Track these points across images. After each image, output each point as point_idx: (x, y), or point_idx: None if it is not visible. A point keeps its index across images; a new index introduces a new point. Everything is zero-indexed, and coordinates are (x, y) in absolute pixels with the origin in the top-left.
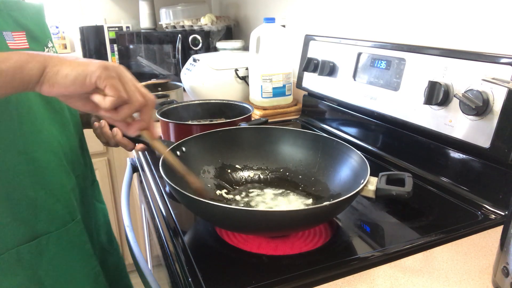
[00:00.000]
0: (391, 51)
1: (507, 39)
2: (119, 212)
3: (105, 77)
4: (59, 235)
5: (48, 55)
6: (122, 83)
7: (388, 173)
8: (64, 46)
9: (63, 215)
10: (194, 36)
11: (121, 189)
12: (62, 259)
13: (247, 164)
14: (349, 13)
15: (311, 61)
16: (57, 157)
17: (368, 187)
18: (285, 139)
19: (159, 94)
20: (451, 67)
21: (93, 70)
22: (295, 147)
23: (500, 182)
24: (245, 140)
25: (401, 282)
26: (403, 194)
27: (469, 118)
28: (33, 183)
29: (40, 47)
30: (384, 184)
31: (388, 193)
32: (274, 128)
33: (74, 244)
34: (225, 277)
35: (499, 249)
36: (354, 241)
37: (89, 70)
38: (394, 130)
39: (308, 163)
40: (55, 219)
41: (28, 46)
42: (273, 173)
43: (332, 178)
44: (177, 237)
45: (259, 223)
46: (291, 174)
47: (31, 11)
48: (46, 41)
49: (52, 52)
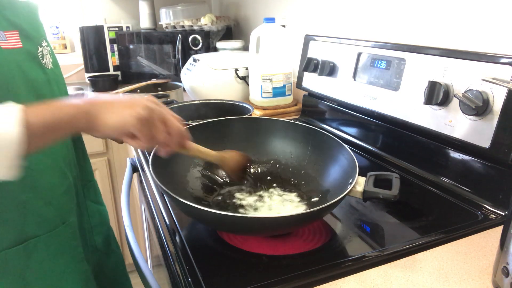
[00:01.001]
0: (391, 51)
1: (507, 39)
2: (119, 212)
3: (140, 128)
4: (48, 239)
5: (91, 101)
6: (155, 130)
7: (376, 173)
8: (64, 46)
9: (53, 218)
10: (194, 36)
11: (121, 189)
12: (51, 263)
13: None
14: (349, 13)
15: (311, 61)
16: (51, 159)
17: (356, 188)
18: (275, 130)
19: (159, 94)
20: (451, 67)
21: (130, 120)
22: (286, 139)
23: (500, 182)
24: (235, 131)
25: (401, 282)
26: (389, 198)
27: (469, 118)
28: (21, 186)
29: (34, 46)
30: (372, 186)
31: (375, 196)
32: (265, 119)
33: (64, 248)
34: (225, 277)
35: (499, 249)
36: (354, 241)
37: (127, 120)
38: (394, 130)
39: (298, 156)
40: (44, 222)
41: (21, 45)
42: (264, 165)
43: (322, 173)
44: (177, 237)
45: (250, 228)
46: (281, 166)
47: (24, 10)
48: (40, 40)
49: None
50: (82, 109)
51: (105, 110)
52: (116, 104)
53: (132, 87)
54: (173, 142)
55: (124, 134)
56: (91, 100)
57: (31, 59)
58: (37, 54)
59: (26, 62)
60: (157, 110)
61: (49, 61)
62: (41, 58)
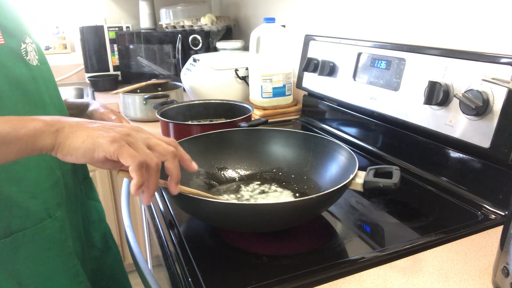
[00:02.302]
0: (391, 51)
1: (507, 39)
2: (119, 212)
3: (114, 151)
4: (34, 232)
5: (63, 122)
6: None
7: (377, 167)
8: (64, 46)
9: (39, 212)
10: (194, 36)
11: (121, 189)
12: (39, 256)
13: (240, 165)
14: (349, 13)
15: (311, 61)
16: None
17: (356, 180)
18: (277, 139)
19: (159, 94)
20: (451, 67)
21: (100, 144)
22: (287, 147)
23: (500, 182)
24: (237, 142)
25: (401, 282)
26: (390, 186)
27: (469, 118)
28: (5, 179)
29: (17, 43)
30: (372, 177)
31: (375, 186)
32: (266, 129)
33: (52, 241)
34: (225, 277)
35: (499, 249)
36: (354, 241)
37: (97, 144)
38: (394, 130)
39: (300, 162)
40: (30, 216)
41: (3, 42)
42: (266, 173)
43: (324, 176)
44: (177, 237)
45: (246, 217)
46: (284, 174)
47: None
48: (23, 37)
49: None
50: (51, 128)
51: (75, 134)
52: (87, 129)
53: (132, 87)
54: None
55: (97, 160)
56: (62, 121)
57: (14, 56)
58: (20, 51)
59: (9, 59)
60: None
61: (34, 58)
62: (24, 54)
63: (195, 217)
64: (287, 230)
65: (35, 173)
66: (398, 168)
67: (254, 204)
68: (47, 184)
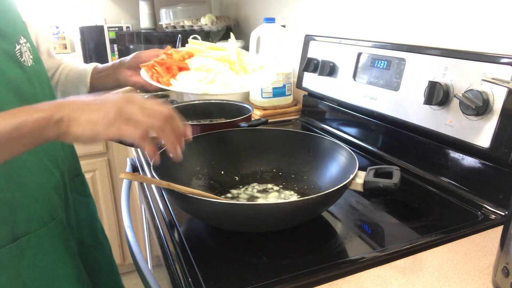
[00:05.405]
0: (391, 51)
1: (507, 39)
2: (119, 212)
3: (113, 135)
4: (39, 235)
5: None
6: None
7: (377, 167)
8: (64, 46)
9: (42, 215)
10: (194, 36)
11: (121, 189)
12: (44, 259)
13: (240, 165)
14: (349, 13)
15: (311, 61)
16: (35, 156)
17: (356, 180)
18: (277, 139)
19: (159, 94)
20: (451, 67)
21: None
22: (287, 147)
23: (500, 182)
24: (238, 142)
25: (401, 282)
26: (390, 186)
27: (469, 118)
28: (8, 185)
29: (11, 45)
30: (372, 177)
31: (375, 185)
32: (266, 129)
33: (56, 243)
34: (225, 277)
35: (499, 249)
36: (354, 241)
37: (96, 131)
38: (394, 130)
39: (300, 162)
40: (34, 220)
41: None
42: (266, 173)
43: (323, 176)
44: (177, 237)
45: (246, 217)
46: (284, 174)
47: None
48: (17, 38)
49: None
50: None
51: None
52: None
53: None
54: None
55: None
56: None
57: (9, 58)
58: (15, 53)
59: (4, 61)
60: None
61: (28, 58)
62: (19, 56)
63: (195, 217)
64: (287, 230)
65: (38, 177)
66: (398, 168)
67: (254, 204)
68: (49, 186)
